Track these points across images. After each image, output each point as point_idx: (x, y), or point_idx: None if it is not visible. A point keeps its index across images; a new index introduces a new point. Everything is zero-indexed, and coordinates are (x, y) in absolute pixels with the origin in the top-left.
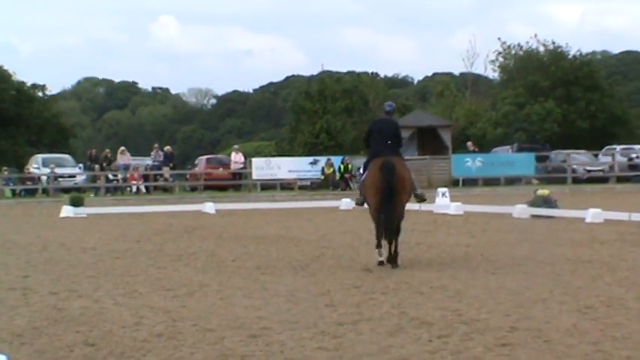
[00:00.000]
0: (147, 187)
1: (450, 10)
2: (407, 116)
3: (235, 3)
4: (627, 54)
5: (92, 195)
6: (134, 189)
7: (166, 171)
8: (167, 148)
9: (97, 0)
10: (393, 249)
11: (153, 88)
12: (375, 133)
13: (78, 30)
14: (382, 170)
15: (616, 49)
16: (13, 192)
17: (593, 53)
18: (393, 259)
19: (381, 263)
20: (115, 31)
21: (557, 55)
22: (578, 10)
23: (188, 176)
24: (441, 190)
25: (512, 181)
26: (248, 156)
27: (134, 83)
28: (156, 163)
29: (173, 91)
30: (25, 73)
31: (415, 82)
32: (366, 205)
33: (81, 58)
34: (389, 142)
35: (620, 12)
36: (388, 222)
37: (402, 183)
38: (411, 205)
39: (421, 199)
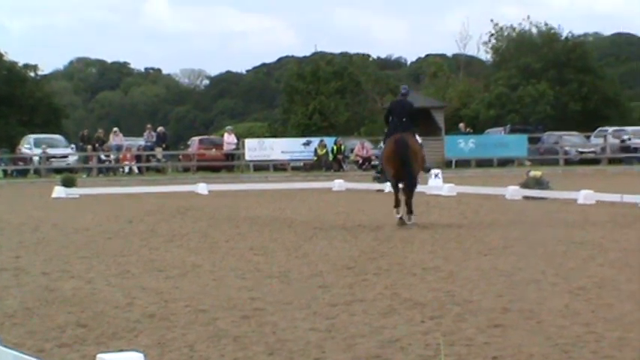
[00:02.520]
0: (139, 168)
1: None
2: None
3: None
4: (619, 36)
5: (84, 176)
6: (126, 169)
7: (159, 152)
8: (160, 128)
9: None
10: (408, 209)
11: (145, 69)
12: (392, 112)
13: (69, 10)
14: (397, 144)
15: (607, 31)
16: (5, 172)
17: (585, 35)
18: (409, 215)
19: (400, 220)
20: (107, 10)
21: (549, 36)
22: None
23: (181, 157)
24: (433, 171)
25: (504, 162)
26: (241, 137)
27: (126, 64)
28: (148, 144)
29: (165, 72)
30: (16, 54)
31: (408, 63)
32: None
33: (73, 39)
34: (404, 119)
35: None
36: (404, 187)
37: (414, 155)
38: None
39: (427, 170)
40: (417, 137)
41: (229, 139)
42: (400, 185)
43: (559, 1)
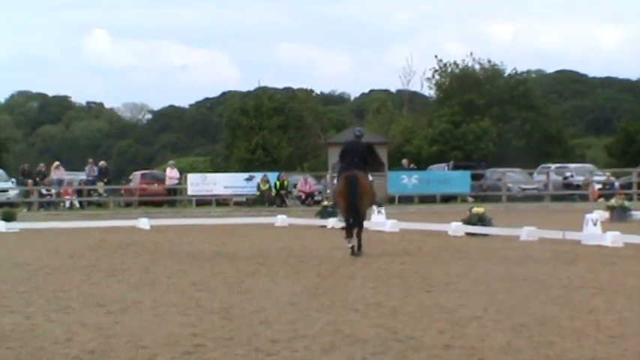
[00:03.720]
0: (81, 203)
1: (385, 27)
2: (342, 133)
3: (169, 17)
4: (561, 73)
5: (25, 210)
6: (68, 204)
7: (100, 186)
8: (101, 163)
9: (29, 13)
10: (358, 241)
11: (87, 103)
12: (346, 152)
13: (11, 43)
14: (347, 180)
15: (551, 68)
16: None
17: (528, 72)
18: (358, 249)
19: (352, 249)
20: (48, 44)
21: (492, 73)
22: (511, 28)
23: (122, 191)
24: (376, 207)
25: (447, 198)
26: (183, 172)
27: (67, 97)
28: (90, 178)
29: (108, 106)
30: None
31: (352, 98)
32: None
33: (13, 72)
34: (356, 159)
35: (552, 31)
36: (354, 221)
37: (363, 190)
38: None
39: (379, 205)
40: (369, 175)
41: (172, 174)
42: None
43: (502, 38)
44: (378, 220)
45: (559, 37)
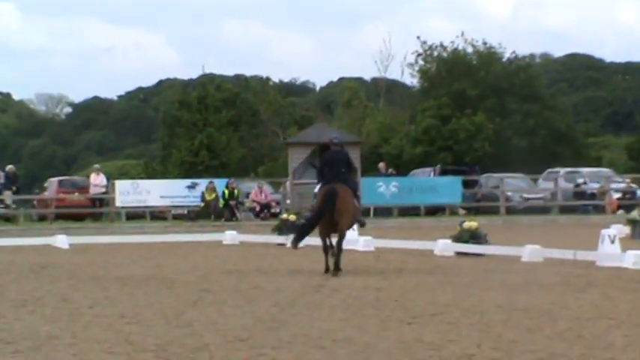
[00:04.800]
0: None
1: (356, 1)
2: (306, 130)
3: None
4: (572, 57)
5: None
6: None
7: (8, 196)
8: (9, 167)
9: None
10: (335, 262)
11: None
12: (327, 164)
13: None
14: (326, 196)
15: (559, 52)
16: None
17: (532, 56)
18: (335, 269)
19: (326, 270)
20: None
21: (488, 57)
22: (510, 2)
23: (35, 202)
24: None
25: (434, 210)
26: (111, 177)
27: None
28: None
29: (17, 97)
30: None
31: (317, 88)
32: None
33: None
34: (342, 170)
35: (560, 6)
36: (331, 243)
37: (344, 207)
38: (311, 240)
39: (361, 224)
40: (357, 187)
41: (96, 181)
42: (328, 241)
43: (500, 15)
44: (348, 236)
45: (568, 14)
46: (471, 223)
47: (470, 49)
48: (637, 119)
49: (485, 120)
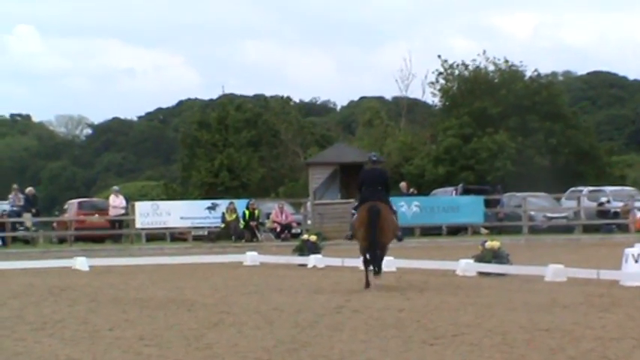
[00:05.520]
0: (3, 238)
1: (376, 21)
2: (326, 150)
3: (110, 11)
4: (594, 75)
5: None
6: None
7: (28, 218)
8: (29, 189)
9: None
10: (376, 268)
11: (11, 115)
12: (365, 182)
13: None
14: (369, 212)
15: (581, 70)
16: None
17: (554, 74)
18: (377, 271)
19: (367, 286)
20: None
21: (510, 76)
22: (530, 22)
23: (55, 224)
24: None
25: (455, 230)
26: (131, 199)
27: None
28: (15, 209)
29: (37, 119)
30: None
31: (338, 108)
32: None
33: None
34: (379, 187)
35: (581, 25)
36: (375, 257)
37: (385, 224)
38: (332, 261)
39: (399, 239)
40: (392, 206)
41: (116, 202)
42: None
43: (521, 33)
44: None
45: (590, 32)
46: (493, 243)
47: (491, 68)
48: None
49: (507, 139)
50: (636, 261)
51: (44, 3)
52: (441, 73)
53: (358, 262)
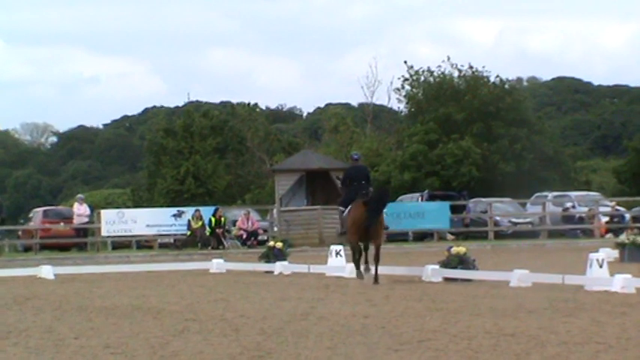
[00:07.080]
0: None
1: (340, 26)
2: (293, 157)
3: (75, 19)
4: (559, 81)
5: None
6: None
7: None
8: None
9: None
10: (374, 272)
11: None
12: (350, 178)
13: None
14: (366, 207)
15: (545, 75)
16: None
17: (518, 80)
18: (375, 280)
19: (359, 273)
20: None
21: (474, 81)
22: (494, 28)
23: (21, 233)
24: (334, 247)
25: (421, 236)
26: (96, 207)
27: None
28: None
29: (1, 127)
30: None
31: (304, 115)
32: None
33: None
34: (363, 182)
35: (546, 30)
36: (374, 250)
37: (380, 218)
38: (299, 267)
39: (386, 229)
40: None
41: (80, 210)
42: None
43: (485, 40)
44: (336, 263)
45: (554, 38)
46: (459, 249)
47: (456, 74)
48: (625, 142)
49: (472, 145)
50: (601, 266)
51: (9, 11)
52: (406, 80)
53: (324, 269)
